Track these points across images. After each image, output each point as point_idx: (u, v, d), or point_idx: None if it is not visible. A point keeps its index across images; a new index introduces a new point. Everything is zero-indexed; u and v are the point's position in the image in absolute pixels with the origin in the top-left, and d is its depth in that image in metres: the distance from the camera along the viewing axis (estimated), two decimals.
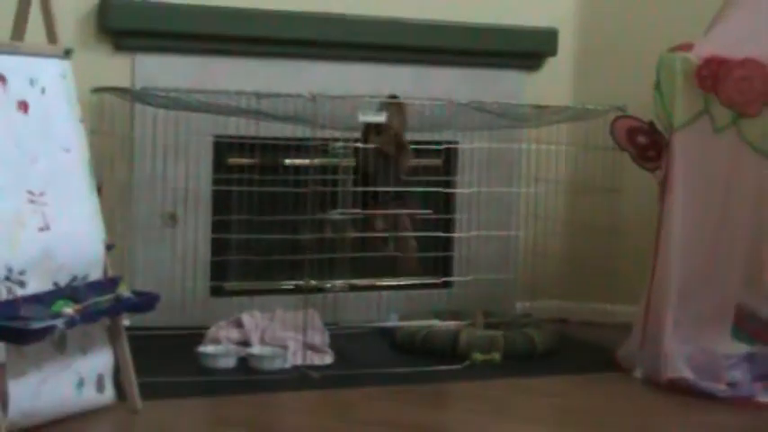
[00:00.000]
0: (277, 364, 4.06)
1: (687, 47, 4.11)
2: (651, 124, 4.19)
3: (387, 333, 4.54)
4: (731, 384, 3.91)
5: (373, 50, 4.76)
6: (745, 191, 4.04)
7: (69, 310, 3.09)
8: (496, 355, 4.27)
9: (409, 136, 4.55)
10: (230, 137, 4.44)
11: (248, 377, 3.95)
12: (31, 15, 3.44)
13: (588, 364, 4.31)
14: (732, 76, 3.94)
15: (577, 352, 4.52)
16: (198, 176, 4.48)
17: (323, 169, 4.44)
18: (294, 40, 4.65)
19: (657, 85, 4.08)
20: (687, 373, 3.92)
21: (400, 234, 4.53)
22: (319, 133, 4.30)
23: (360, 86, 4.48)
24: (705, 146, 4.03)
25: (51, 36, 3.44)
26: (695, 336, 4.01)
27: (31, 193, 3.14)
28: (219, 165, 4.57)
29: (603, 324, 4.85)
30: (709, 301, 4.05)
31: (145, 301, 3.48)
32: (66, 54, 3.43)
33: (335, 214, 4.49)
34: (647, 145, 4.22)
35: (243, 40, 4.59)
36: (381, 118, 4.23)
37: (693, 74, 4.01)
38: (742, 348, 4.04)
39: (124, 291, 3.39)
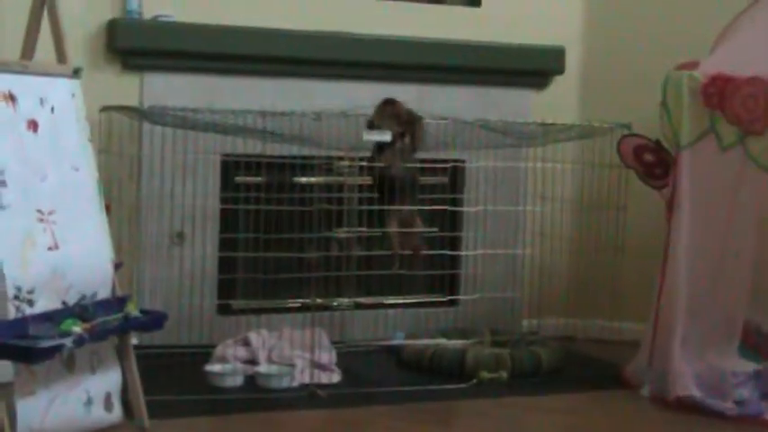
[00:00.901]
0: (285, 383, 4.06)
1: (693, 65, 4.12)
2: (658, 142, 4.20)
3: (394, 351, 4.54)
4: (739, 402, 3.90)
5: (379, 69, 4.78)
6: (752, 208, 4.05)
7: (78, 328, 3.10)
8: (503, 374, 4.27)
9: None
10: (237, 155, 4.45)
11: (256, 396, 3.95)
12: (40, 35, 3.46)
13: (595, 381, 4.30)
14: (738, 93, 3.95)
15: (584, 369, 4.51)
16: (205, 195, 4.49)
17: (329, 188, 4.45)
18: (301, 59, 4.67)
19: (664, 103, 4.09)
20: (695, 391, 3.92)
21: (409, 231, 4.46)
22: (325, 152, 4.31)
23: (366, 105, 4.49)
24: (712, 164, 4.03)
25: (61, 56, 3.45)
26: (703, 353, 4.01)
27: (40, 212, 3.15)
28: (227, 183, 4.58)
29: (610, 341, 4.84)
30: (716, 319, 4.05)
31: (153, 320, 3.49)
32: (76, 73, 3.45)
33: (341, 232, 4.49)
34: (654, 163, 4.23)
35: (250, 60, 4.60)
36: (387, 137, 4.23)
37: (700, 92, 4.02)
38: (749, 366, 4.04)
39: (132, 309, 3.39)
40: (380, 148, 4.27)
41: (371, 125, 4.26)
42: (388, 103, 4.33)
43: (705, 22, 4.55)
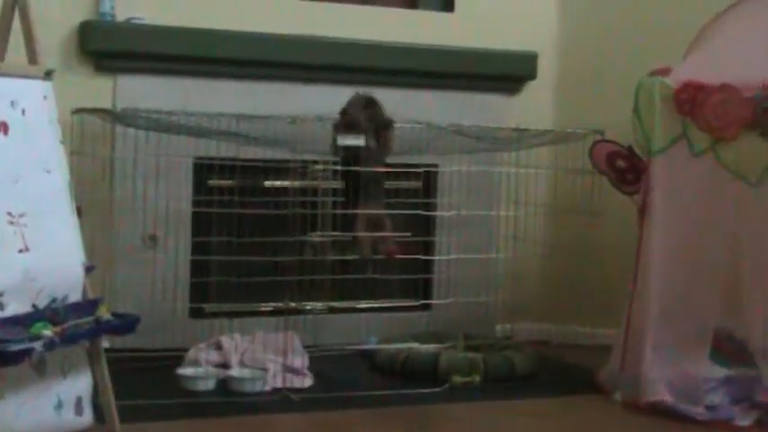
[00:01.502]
0: (257, 387, 4.05)
1: (665, 71, 4.15)
2: (630, 148, 4.22)
3: (367, 355, 4.54)
4: (710, 407, 3.92)
5: (354, 73, 4.77)
6: (723, 214, 4.07)
7: (48, 332, 3.07)
8: (476, 378, 4.27)
9: (389, 159, 4.54)
10: (211, 158, 4.44)
11: (228, 399, 3.95)
12: (12, 36, 3.43)
13: (568, 386, 4.31)
14: (710, 100, 3.98)
15: (557, 374, 4.53)
16: (178, 198, 4.47)
17: (303, 191, 4.44)
18: (276, 63, 4.66)
19: (636, 110, 4.11)
20: (666, 397, 3.94)
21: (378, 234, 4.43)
22: (299, 156, 4.31)
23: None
24: (683, 170, 4.06)
25: (32, 57, 3.43)
26: (675, 359, 4.03)
27: (10, 214, 3.12)
28: (200, 186, 4.57)
29: (583, 346, 4.86)
30: (688, 324, 4.06)
31: (125, 324, 3.46)
32: (48, 75, 3.43)
33: (315, 236, 4.49)
34: (626, 169, 4.25)
35: (224, 62, 4.59)
36: (360, 141, 4.23)
37: (672, 98, 4.05)
38: (721, 371, 4.05)
39: (104, 313, 3.37)
40: (349, 148, 4.27)
41: (344, 116, 4.23)
42: (369, 105, 4.30)
43: (678, 28, 4.58)
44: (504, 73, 5.11)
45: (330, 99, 4.46)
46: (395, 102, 4.52)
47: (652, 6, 5.05)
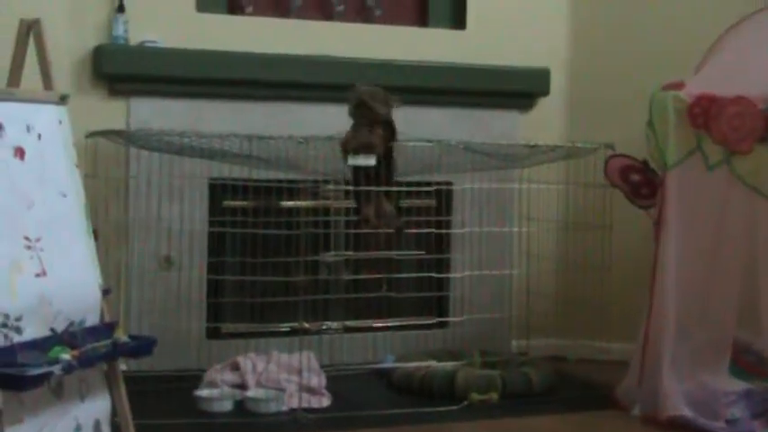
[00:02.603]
0: (274, 407, 4.05)
1: (678, 85, 4.14)
2: (645, 162, 4.22)
3: (383, 374, 4.53)
4: (730, 421, 3.90)
5: None
6: (739, 227, 4.06)
7: (66, 355, 3.07)
8: (494, 395, 4.26)
9: (402, 178, 4.54)
10: (225, 179, 4.45)
11: (245, 420, 3.94)
12: (27, 61, 3.45)
13: (586, 402, 4.30)
14: (724, 113, 3.97)
15: (575, 390, 4.51)
16: (193, 219, 4.49)
17: (316, 211, 4.45)
18: (287, 83, 4.68)
19: (650, 124, 4.11)
20: (686, 411, 3.92)
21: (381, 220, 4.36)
22: (311, 176, 4.31)
23: None
24: (698, 183, 4.05)
25: (47, 82, 3.44)
26: (693, 373, 4.01)
27: (27, 239, 3.13)
28: (214, 207, 4.58)
29: (600, 361, 4.85)
30: (705, 338, 4.05)
31: (142, 346, 3.46)
32: (62, 100, 3.44)
33: (329, 256, 4.49)
34: (641, 183, 4.25)
35: (236, 84, 4.61)
36: (371, 161, 4.23)
37: (686, 112, 4.04)
38: (740, 385, 4.04)
39: (121, 335, 3.37)
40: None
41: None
42: (360, 106, 4.22)
43: (690, 41, 4.58)
44: (516, 89, 5.12)
45: (342, 119, 4.47)
46: (407, 120, 4.53)
47: (663, 21, 5.05)
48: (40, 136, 3.27)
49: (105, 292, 3.43)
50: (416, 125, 4.65)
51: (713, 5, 4.89)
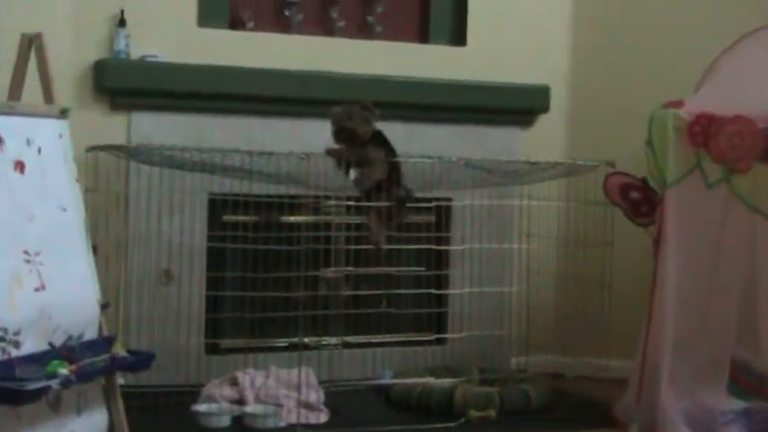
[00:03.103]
0: (272, 423, 4.04)
1: (678, 104, 4.15)
2: (644, 180, 4.22)
3: (382, 390, 4.53)
4: None
5: None
6: (738, 245, 4.06)
7: (65, 370, 3.08)
8: (492, 412, 4.25)
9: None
10: (225, 194, 4.45)
11: None
12: (27, 75, 3.46)
13: (584, 419, 4.29)
14: (723, 132, 3.98)
15: (573, 407, 4.50)
16: (193, 233, 4.49)
17: (316, 227, 4.45)
18: (289, 99, 4.69)
19: (650, 142, 4.12)
20: (683, 429, 3.91)
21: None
22: (312, 191, 4.32)
23: None
24: (698, 201, 4.05)
25: (48, 96, 3.45)
26: (691, 391, 4.01)
27: (27, 253, 3.13)
28: (214, 222, 4.58)
29: (599, 379, 4.84)
30: (704, 356, 4.05)
31: (140, 360, 3.47)
32: (63, 114, 3.45)
33: (329, 272, 4.49)
34: (641, 200, 4.25)
35: (238, 99, 4.62)
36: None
37: (685, 130, 4.05)
38: (739, 404, 4.03)
39: (119, 350, 3.38)
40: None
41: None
42: (341, 131, 4.18)
43: (690, 60, 4.59)
44: (517, 106, 5.12)
45: None
46: (407, 136, 4.55)
47: (663, 39, 5.06)
48: (40, 150, 3.28)
49: (104, 307, 3.43)
50: (417, 141, 4.67)
51: (714, 23, 4.90)
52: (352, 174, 4.19)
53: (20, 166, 3.19)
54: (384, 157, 4.18)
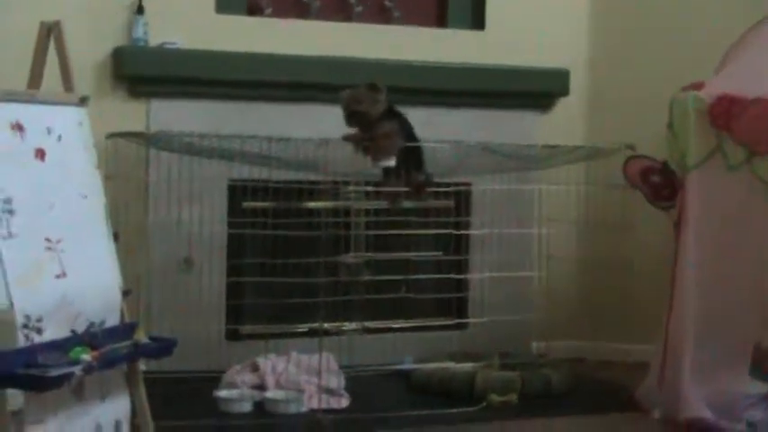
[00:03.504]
0: (293, 408, 4.05)
1: (699, 86, 4.13)
2: (665, 164, 4.20)
3: (402, 375, 4.53)
4: (751, 424, 3.88)
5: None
6: (760, 227, 4.03)
7: (87, 356, 3.09)
8: (513, 397, 4.25)
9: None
10: (244, 181, 4.46)
11: (265, 421, 3.95)
12: (47, 63, 3.47)
13: (606, 404, 4.28)
14: (746, 114, 3.95)
15: (594, 392, 4.50)
16: (213, 220, 4.50)
17: (336, 212, 4.45)
18: (306, 84, 4.68)
19: (671, 125, 4.09)
20: (706, 413, 3.90)
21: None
22: (331, 177, 4.32)
23: None
24: (719, 184, 4.03)
25: (67, 84, 3.46)
26: (714, 375, 3.99)
27: (48, 240, 3.15)
28: (234, 209, 4.58)
29: (620, 363, 4.83)
30: (727, 340, 4.03)
31: (162, 347, 3.48)
32: (82, 101, 3.46)
33: (349, 257, 4.49)
34: (661, 184, 4.22)
35: (256, 85, 4.62)
36: (392, 162, 4.21)
37: (706, 112, 4.02)
38: (762, 387, 4.02)
39: (141, 336, 3.39)
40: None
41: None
42: (352, 115, 4.15)
43: (710, 42, 4.56)
44: (536, 90, 5.11)
45: None
46: (425, 121, 4.53)
47: (683, 22, 5.03)
48: (60, 137, 3.29)
49: (125, 294, 3.45)
50: (435, 127, 4.64)
51: (735, 6, 4.86)
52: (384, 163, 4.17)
53: (40, 154, 3.20)
54: (398, 126, 4.16)
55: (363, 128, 4.15)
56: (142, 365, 3.54)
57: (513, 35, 5.08)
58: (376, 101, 4.13)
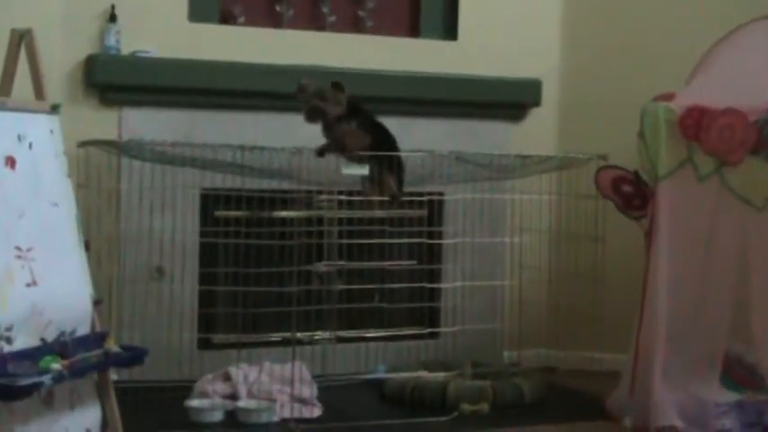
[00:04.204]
0: (265, 418, 4.04)
1: (669, 96, 4.16)
2: (636, 174, 4.22)
3: (375, 385, 4.53)
4: None
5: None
6: (730, 237, 4.07)
7: (57, 365, 3.07)
8: (485, 406, 4.26)
9: None
10: (217, 189, 4.44)
11: (236, 431, 3.93)
12: (18, 71, 3.45)
13: (577, 413, 4.30)
14: (715, 124, 3.98)
15: (566, 401, 4.52)
16: (185, 229, 4.48)
17: (309, 221, 4.45)
18: (279, 94, 4.67)
19: (641, 135, 4.12)
20: (677, 422, 3.92)
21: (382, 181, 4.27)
22: (304, 186, 4.31)
23: None
24: (690, 194, 4.06)
25: (39, 92, 3.45)
26: (684, 384, 4.02)
27: (18, 248, 3.13)
28: (206, 217, 4.57)
29: (592, 372, 4.85)
30: (697, 349, 4.06)
31: (133, 356, 3.46)
32: (54, 109, 3.44)
33: (322, 266, 4.48)
34: (633, 194, 4.25)
35: (229, 94, 4.62)
36: (365, 171, 4.22)
37: (677, 123, 4.05)
38: (731, 396, 4.04)
39: (112, 345, 3.37)
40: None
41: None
42: (312, 112, 4.16)
43: (680, 53, 4.60)
44: (508, 100, 5.13)
45: None
46: (398, 130, 4.53)
47: (654, 33, 5.07)
48: (31, 145, 3.27)
49: (96, 303, 3.43)
50: (408, 136, 4.64)
51: (705, 17, 4.91)
52: (344, 170, 4.18)
53: (11, 162, 3.18)
54: (357, 123, 4.16)
55: (323, 125, 4.14)
56: (113, 375, 3.53)
57: (485, 45, 5.10)
58: (338, 102, 4.14)
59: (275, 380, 4.27)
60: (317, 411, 4.16)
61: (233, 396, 4.19)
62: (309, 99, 4.15)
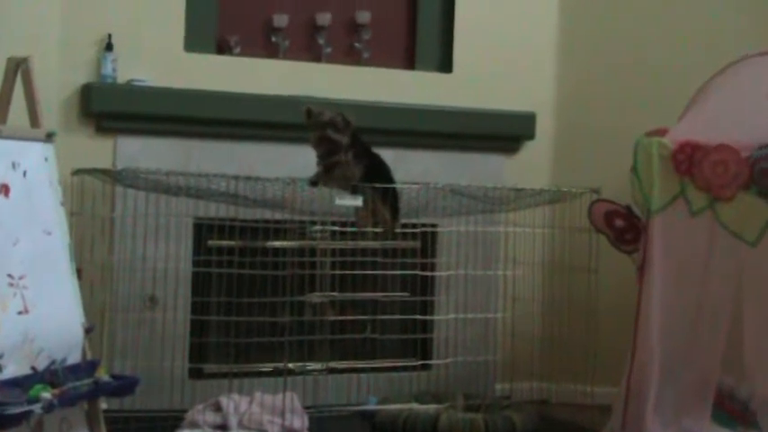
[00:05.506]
0: None
1: (662, 132, 4.17)
2: (628, 208, 4.23)
3: (367, 416, 4.51)
4: None
5: None
6: (723, 273, 4.07)
7: (47, 394, 3.06)
8: None
9: None
10: (211, 219, 4.45)
11: None
12: (14, 98, 3.46)
13: None
14: (707, 160, 4.00)
15: None
16: (178, 258, 4.48)
17: (302, 252, 4.45)
18: (274, 124, 4.69)
19: (634, 169, 4.13)
20: None
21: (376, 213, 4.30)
22: (298, 216, 4.32)
23: None
24: (682, 229, 4.07)
25: (34, 119, 3.46)
26: (676, 418, 4.01)
27: (11, 276, 3.13)
28: (199, 246, 4.57)
29: (584, 405, 4.83)
30: (689, 383, 4.05)
31: (124, 385, 3.46)
32: (49, 137, 3.45)
33: (314, 297, 4.48)
34: (625, 228, 4.26)
35: (224, 123, 4.63)
36: (358, 202, 4.23)
37: (670, 158, 4.07)
38: (723, 431, 4.03)
39: (103, 374, 3.36)
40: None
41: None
42: (323, 140, 4.18)
43: (674, 88, 4.62)
44: (503, 133, 5.14)
45: None
46: (393, 162, 4.55)
47: (648, 68, 5.10)
48: (25, 173, 3.28)
49: (88, 331, 3.42)
50: (403, 167, 4.66)
51: (699, 52, 4.94)
52: (338, 201, 4.19)
53: (5, 190, 3.19)
54: (352, 156, 4.17)
55: (329, 152, 4.15)
56: (103, 404, 3.52)
57: (480, 78, 5.12)
58: (348, 126, 4.16)
59: (266, 410, 4.25)
60: None
61: (223, 426, 4.17)
62: (323, 127, 4.14)
